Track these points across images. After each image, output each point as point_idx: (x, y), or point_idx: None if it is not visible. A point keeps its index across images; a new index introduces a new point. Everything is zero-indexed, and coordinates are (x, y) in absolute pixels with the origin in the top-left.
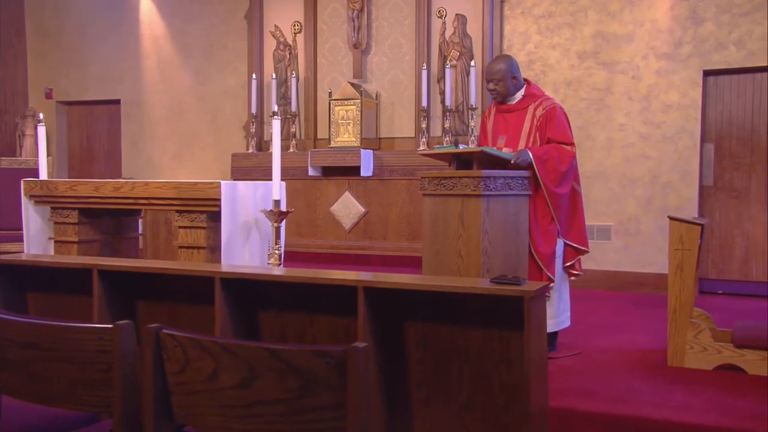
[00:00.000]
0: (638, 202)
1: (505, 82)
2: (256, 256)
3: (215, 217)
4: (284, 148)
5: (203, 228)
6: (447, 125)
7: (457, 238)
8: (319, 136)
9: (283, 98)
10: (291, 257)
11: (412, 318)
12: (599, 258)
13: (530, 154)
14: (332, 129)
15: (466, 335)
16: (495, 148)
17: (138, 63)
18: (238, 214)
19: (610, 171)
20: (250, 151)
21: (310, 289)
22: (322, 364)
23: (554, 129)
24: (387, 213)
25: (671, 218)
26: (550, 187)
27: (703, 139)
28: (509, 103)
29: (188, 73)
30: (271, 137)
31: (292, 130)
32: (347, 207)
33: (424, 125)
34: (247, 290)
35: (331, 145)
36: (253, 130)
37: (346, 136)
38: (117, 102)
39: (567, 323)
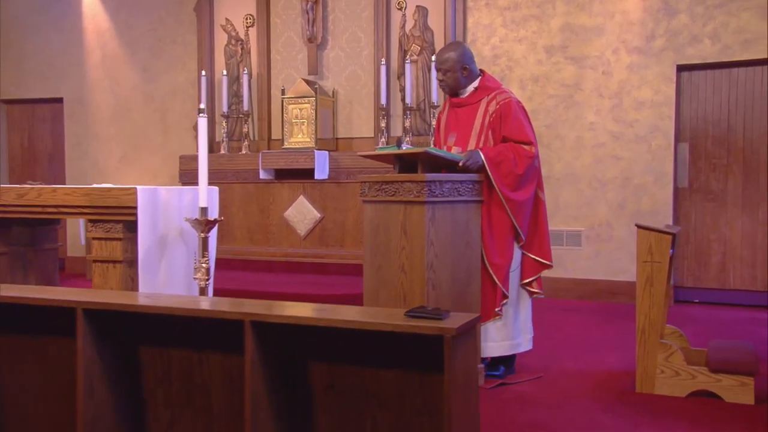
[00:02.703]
0: (610, 205)
1: (454, 73)
2: (182, 270)
3: (135, 227)
4: (236, 149)
5: (119, 239)
6: (407, 124)
7: (399, 251)
8: (273, 137)
9: (236, 96)
10: (243, 266)
11: (316, 357)
12: (569, 265)
13: (482, 155)
14: (285, 129)
15: (380, 379)
16: (446, 146)
17: (81, 59)
18: (159, 223)
19: (580, 173)
20: None
21: (197, 322)
22: None
23: (510, 126)
24: (344, 218)
25: (639, 227)
26: (505, 192)
27: (678, 139)
28: (461, 96)
29: (135, 70)
30: (223, 138)
31: (245, 130)
32: (302, 212)
33: (383, 124)
34: (121, 322)
35: (285, 146)
36: None
37: (300, 137)
38: (60, 100)
39: (527, 346)
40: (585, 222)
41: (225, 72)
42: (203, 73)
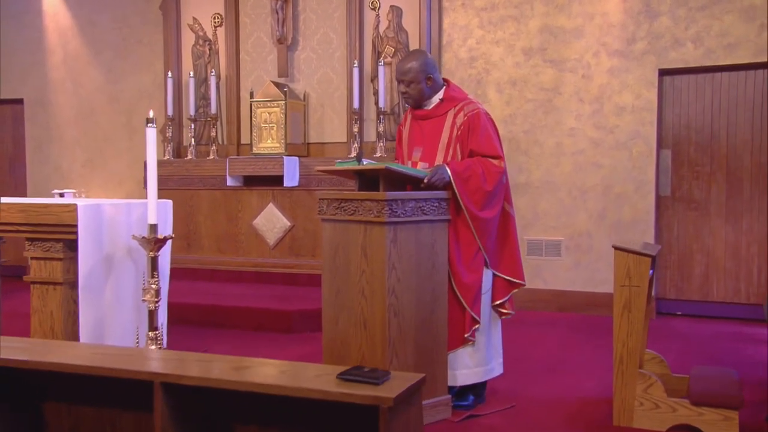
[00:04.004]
0: (590, 215)
1: (418, 84)
2: (130, 291)
3: (77, 246)
4: (204, 154)
5: (60, 259)
6: (381, 129)
7: (359, 274)
8: (243, 141)
9: (203, 98)
10: (211, 276)
11: (242, 419)
12: (548, 276)
13: (448, 171)
14: (254, 134)
15: None
16: (410, 161)
17: (42, 59)
18: (104, 242)
19: (559, 180)
20: (166, 157)
21: (104, 379)
22: None
23: (478, 139)
24: (315, 227)
25: (616, 248)
26: (473, 210)
27: (660, 145)
28: (425, 108)
29: (99, 70)
30: (191, 142)
31: (213, 134)
32: (271, 221)
33: (355, 129)
34: (21, 376)
35: (254, 152)
36: (169, 134)
37: (270, 142)
38: (20, 102)
39: (499, 370)
40: (564, 231)
41: (192, 73)
42: (169, 74)
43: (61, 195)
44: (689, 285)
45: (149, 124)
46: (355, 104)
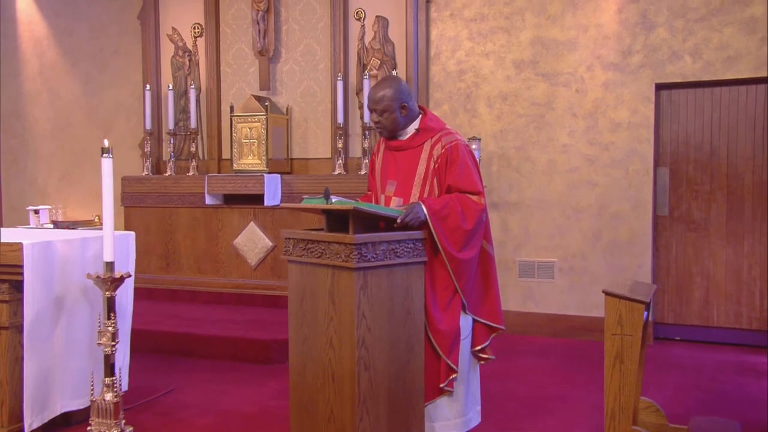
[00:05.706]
0: (584, 235)
1: (391, 114)
2: (85, 335)
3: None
4: (183, 170)
5: (5, 302)
6: (366, 145)
7: (327, 323)
8: (224, 156)
9: (183, 112)
10: (191, 298)
11: None
12: (541, 300)
13: (424, 209)
14: (235, 149)
15: None
16: (383, 195)
17: (17, 69)
18: (54, 282)
19: (552, 199)
20: (145, 173)
21: None
22: None
23: (456, 173)
24: None
25: (607, 293)
26: (451, 251)
27: (657, 163)
28: (400, 138)
29: (76, 81)
30: (170, 157)
31: (192, 149)
32: (253, 240)
33: (340, 145)
34: None
35: (234, 168)
36: (148, 149)
37: (251, 158)
38: None
39: (476, 420)
40: (557, 253)
41: (171, 86)
42: (148, 86)
43: (36, 212)
44: (688, 309)
45: (105, 155)
46: (340, 119)
